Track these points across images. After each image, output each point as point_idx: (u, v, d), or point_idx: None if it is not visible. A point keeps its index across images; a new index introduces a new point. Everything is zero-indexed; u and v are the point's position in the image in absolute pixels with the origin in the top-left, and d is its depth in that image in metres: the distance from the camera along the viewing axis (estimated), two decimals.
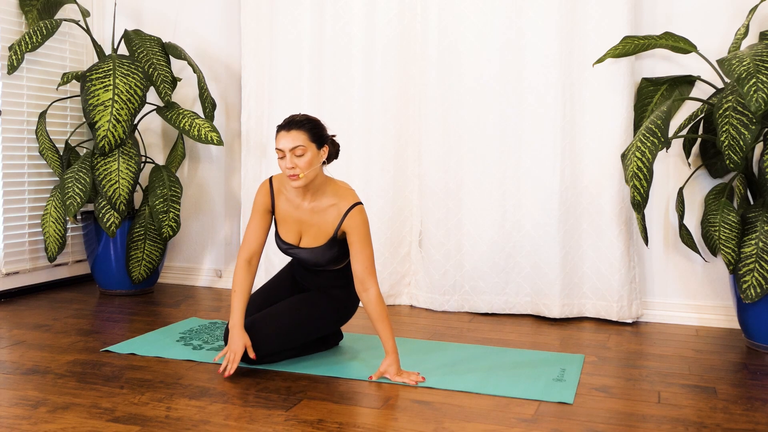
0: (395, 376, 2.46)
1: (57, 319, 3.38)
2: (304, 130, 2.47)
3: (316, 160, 2.49)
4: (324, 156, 2.53)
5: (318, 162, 2.50)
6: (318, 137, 2.50)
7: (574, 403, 2.30)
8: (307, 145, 2.46)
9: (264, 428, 2.05)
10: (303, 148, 2.45)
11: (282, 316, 2.62)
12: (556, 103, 3.45)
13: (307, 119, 2.51)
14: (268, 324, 2.59)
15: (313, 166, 2.48)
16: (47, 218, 3.76)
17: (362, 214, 2.54)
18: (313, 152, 2.48)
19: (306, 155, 2.46)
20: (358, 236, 2.52)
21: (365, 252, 2.52)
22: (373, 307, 2.50)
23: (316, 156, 2.49)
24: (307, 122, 2.49)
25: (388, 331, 2.50)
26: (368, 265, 2.51)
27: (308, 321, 2.66)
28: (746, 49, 2.82)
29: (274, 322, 2.60)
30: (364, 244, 2.53)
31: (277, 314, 2.62)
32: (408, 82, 3.72)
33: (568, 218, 3.49)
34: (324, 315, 2.70)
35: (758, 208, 2.94)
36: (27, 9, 3.86)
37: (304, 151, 2.45)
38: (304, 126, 2.48)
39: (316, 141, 2.49)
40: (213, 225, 4.33)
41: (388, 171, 3.73)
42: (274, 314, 2.62)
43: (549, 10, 3.44)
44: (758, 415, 2.24)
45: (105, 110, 3.57)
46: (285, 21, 3.88)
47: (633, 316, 3.45)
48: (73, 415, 2.13)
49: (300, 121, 2.49)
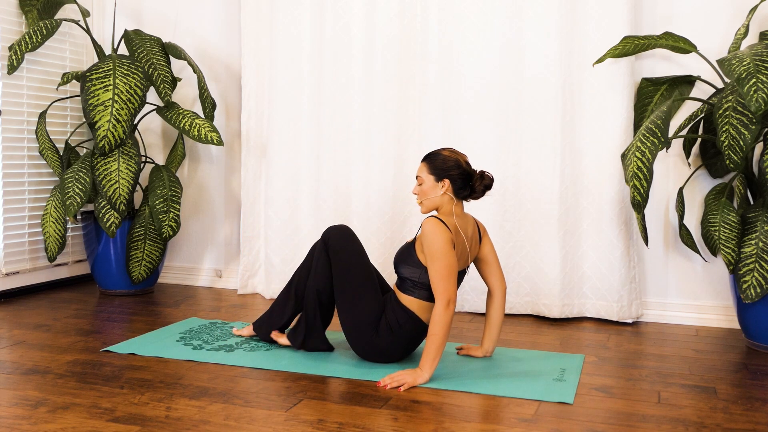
0: (394, 376, 2.45)
1: (57, 319, 3.38)
2: (426, 162, 2.66)
3: (432, 191, 2.63)
4: (443, 189, 2.61)
5: (433, 193, 2.62)
6: (437, 170, 2.62)
7: (574, 403, 2.30)
8: (424, 176, 2.64)
9: (264, 428, 2.05)
10: (421, 179, 2.65)
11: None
12: (556, 103, 3.45)
13: (432, 153, 2.68)
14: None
15: (429, 196, 2.63)
16: (47, 218, 3.76)
17: (429, 224, 2.51)
18: (430, 182, 2.63)
19: (423, 185, 2.65)
20: (426, 247, 2.51)
21: (431, 266, 2.49)
22: (432, 321, 2.46)
23: (433, 187, 2.63)
24: (431, 155, 2.68)
25: (429, 346, 2.45)
26: (434, 280, 2.48)
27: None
28: (746, 49, 2.82)
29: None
30: (431, 258, 2.49)
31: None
32: (408, 82, 3.72)
33: (568, 218, 3.49)
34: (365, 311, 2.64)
35: (758, 208, 2.94)
36: (27, 9, 3.86)
37: (421, 181, 2.65)
38: (426, 158, 2.67)
39: (435, 173, 2.62)
40: (213, 225, 4.33)
41: (388, 171, 3.73)
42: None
43: (549, 10, 3.44)
44: (758, 415, 2.24)
45: (105, 110, 3.57)
46: (285, 21, 3.88)
47: (633, 316, 3.45)
48: (73, 415, 2.13)
49: (428, 154, 2.69)
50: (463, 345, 2.88)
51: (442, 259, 2.46)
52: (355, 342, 2.65)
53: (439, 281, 2.46)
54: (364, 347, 2.64)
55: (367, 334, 2.61)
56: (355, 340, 2.64)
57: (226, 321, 3.38)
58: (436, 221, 2.51)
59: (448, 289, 2.45)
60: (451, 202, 2.63)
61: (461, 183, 2.62)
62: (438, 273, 2.46)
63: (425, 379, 2.44)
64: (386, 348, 2.62)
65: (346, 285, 2.65)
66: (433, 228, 2.50)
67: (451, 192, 2.61)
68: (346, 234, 2.72)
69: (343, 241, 2.70)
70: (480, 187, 2.62)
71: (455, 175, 2.60)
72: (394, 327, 2.59)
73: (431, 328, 2.44)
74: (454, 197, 2.62)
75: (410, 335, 2.62)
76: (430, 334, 2.44)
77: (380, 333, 2.60)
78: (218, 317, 3.48)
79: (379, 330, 2.60)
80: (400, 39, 3.70)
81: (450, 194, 2.61)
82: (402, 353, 2.68)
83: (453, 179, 2.60)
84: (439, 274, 2.46)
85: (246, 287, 4.07)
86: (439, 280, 2.46)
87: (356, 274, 2.65)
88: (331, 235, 2.72)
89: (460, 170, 2.61)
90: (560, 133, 3.45)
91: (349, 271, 2.66)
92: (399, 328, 2.59)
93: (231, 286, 4.26)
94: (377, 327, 2.60)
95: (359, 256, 2.68)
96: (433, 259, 2.48)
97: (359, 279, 2.64)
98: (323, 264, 2.72)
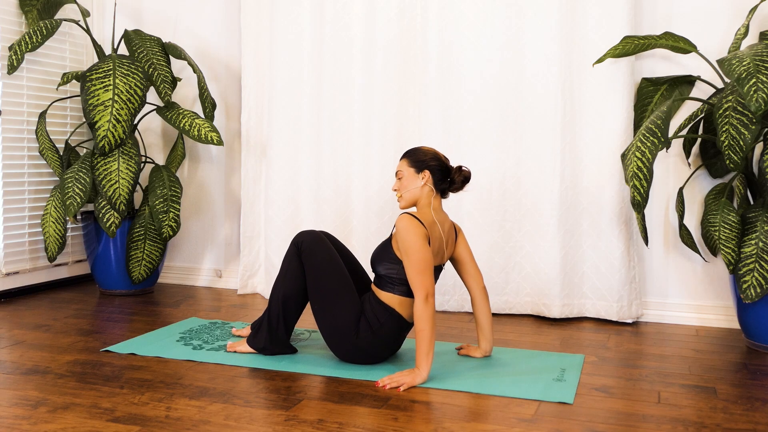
0: (393, 377, 2.45)
1: (57, 319, 3.38)
2: (405, 157, 2.69)
3: (412, 183, 2.66)
4: (423, 179, 2.64)
5: (413, 184, 2.66)
6: (417, 162, 2.66)
7: (574, 403, 2.30)
8: (404, 169, 2.68)
9: (264, 428, 2.05)
10: (401, 173, 2.68)
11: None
12: (556, 103, 3.45)
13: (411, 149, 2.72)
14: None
15: (408, 188, 2.66)
16: (47, 218, 3.76)
17: (404, 221, 2.52)
18: (410, 175, 2.66)
19: (403, 179, 2.67)
20: (401, 243, 2.52)
21: (407, 261, 2.50)
22: (415, 317, 2.47)
23: (413, 178, 2.66)
24: (409, 150, 2.72)
25: (420, 343, 2.45)
26: (411, 275, 2.49)
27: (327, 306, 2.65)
28: (746, 49, 2.82)
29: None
30: (407, 253, 2.50)
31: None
32: (408, 82, 3.72)
33: (568, 218, 3.49)
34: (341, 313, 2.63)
35: (758, 208, 2.94)
36: (27, 9, 3.86)
37: (401, 176, 2.68)
38: (405, 154, 2.71)
39: (415, 165, 2.66)
40: (213, 225, 4.33)
41: (388, 171, 3.73)
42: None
43: (549, 9, 3.44)
44: (758, 415, 2.24)
45: (105, 110, 3.57)
46: (285, 21, 3.88)
47: (633, 316, 3.45)
48: (73, 415, 2.13)
49: (408, 150, 2.73)
50: (463, 345, 2.88)
51: (416, 254, 2.48)
52: (336, 346, 2.64)
53: (416, 275, 2.47)
54: (346, 349, 2.63)
55: (347, 337, 2.59)
56: (336, 343, 2.63)
57: (226, 321, 3.38)
58: (410, 217, 2.54)
59: (425, 282, 2.46)
60: (430, 194, 2.65)
61: (440, 175, 2.65)
62: (414, 268, 2.48)
63: (423, 377, 2.44)
64: (368, 348, 2.61)
65: (321, 289, 2.63)
66: (407, 224, 2.52)
67: (431, 183, 2.64)
68: (318, 238, 2.71)
69: (315, 245, 2.68)
70: (459, 178, 2.65)
71: (434, 166, 2.64)
72: (375, 326, 2.59)
73: (417, 324, 2.45)
74: (433, 188, 2.65)
75: (391, 333, 2.61)
76: (418, 331, 2.45)
77: (360, 333, 2.59)
78: (218, 317, 3.48)
79: (359, 331, 2.59)
80: (400, 39, 3.70)
81: (430, 185, 2.64)
82: (385, 352, 2.67)
83: (432, 170, 2.64)
84: (415, 269, 2.48)
85: (246, 287, 4.07)
86: (416, 275, 2.47)
87: (331, 277, 2.63)
88: (304, 239, 2.70)
89: (439, 162, 2.66)
90: (560, 133, 3.45)
91: (323, 275, 2.64)
92: (380, 327, 2.59)
93: (231, 286, 4.26)
94: (357, 328, 2.59)
95: (332, 259, 2.67)
96: (408, 255, 2.49)
97: (334, 282, 2.63)
98: (294, 269, 2.70)
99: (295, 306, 2.73)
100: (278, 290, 2.72)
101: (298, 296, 2.71)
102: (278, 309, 2.71)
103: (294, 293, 2.70)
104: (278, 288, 2.73)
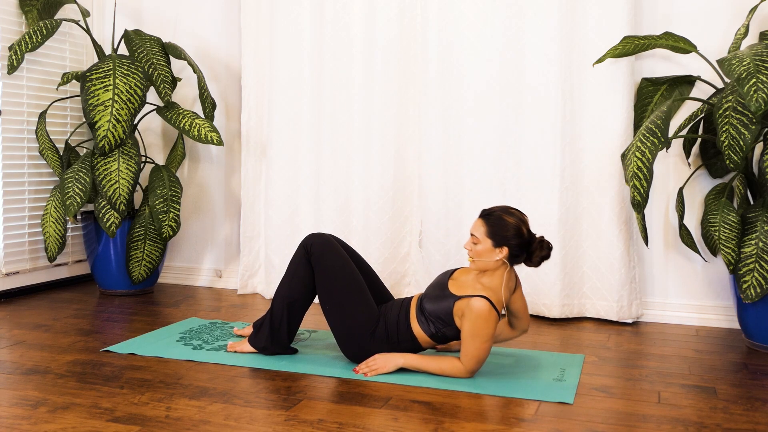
0: (369, 362, 2.53)
1: (57, 319, 3.38)
2: (485, 222, 2.52)
3: (487, 255, 2.50)
4: (500, 255, 2.49)
5: (488, 257, 2.50)
6: (496, 236, 2.49)
7: (574, 403, 2.30)
8: (481, 237, 2.50)
9: (264, 428, 2.05)
10: (476, 238, 2.51)
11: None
12: (556, 103, 3.45)
13: (491, 212, 2.54)
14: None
15: (483, 259, 2.51)
16: (47, 218, 3.76)
17: (484, 310, 2.42)
18: (486, 246, 2.50)
19: (479, 245, 2.51)
20: (471, 325, 2.44)
21: (471, 341, 2.44)
22: (445, 365, 2.50)
23: (489, 251, 2.50)
24: (492, 216, 2.53)
25: (424, 362, 2.51)
26: (469, 355, 2.45)
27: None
28: (746, 49, 2.82)
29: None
30: (473, 336, 2.44)
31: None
32: (408, 82, 3.72)
33: (568, 218, 3.49)
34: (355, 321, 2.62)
35: (758, 208, 2.94)
36: (27, 9, 3.86)
37: (477, 241, 2.51)
38: (486, 218, 2.53)
39: (493, 238, 2.49)
40: (213, 225, 4.33)
41: (388, 171, 3.73)
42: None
43: (549, 10, 3.44)
44: (758, 415, 2.24)
45: (105, 110, 3.57)
46: (285, 21, 3.88)
47: (633, 316, 3.45)
48: (73, 415, 2.13)
49: (487, 212, 2.55)
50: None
51: (485, 343, 2.44)
52: (347, 346, 2.64)
53: (472, 359, 2.46)
54: (357, 351, 2.62)
55: (362, 339, 2.59)
56: (348, 345, 2.63)
57: (226, 321, 3.38)
58: (489, 308, 2.42)
59: (478, 364, 2.47)
60: (504, 267, 2.53)
61: (518, 251, 2.52)
62: (476, 351, 2.45)
63: (398, 363, 2.51)
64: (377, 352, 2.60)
65: (334, 289, 2.61)
66: (487, 315, 2.42)
67: (506, 258, 2.51)
68: (327, 241, 2.67)
69: (324, 246, 2.65)
70: (537, 258, 2.53)
71: (514, 244, 2.49)
72: (392, 339, 2.58)
73: (440, 363, 2.49)
74: (508, 263, 2.52)
75: (404, 350, 2.61)
76: (434, 364, 2.50)
77: (376, 337, 2.58)
78: (218, 317, 3.48)
79: (375, 334, 2.58)
80: (400, 39, 3.70)
81: (505, 260, 2.51)
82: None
83: (511, 248, 2.50)
84: (476, 355, 2.45)
85: (246, 287, 4.07)
86: (473, 359, 2.46)
87: (343, 278, 2.61)
88: (313, 242, 2.67)
89: (521, 240, 2.49)
90: (560, 133, 3.45)
91: (335, 275, 2.61)
92: (397, 344, 2.59)
93: (231, 286, 4.26)
94: (374, 331, 2.59)
95: (344, 262, 2.64)
96: (475, 339, 2.44)
97: (347, 284, 2.61)
98: (302, 272, 2.67)
99: (300, 310, 2.72)
100: (284, 293, 2.71)
101: (304, 300, 2.70)
102: (282, 312, 2.70)
103: (299, 297, 2.69)
104: (284, 290, 2.71)
